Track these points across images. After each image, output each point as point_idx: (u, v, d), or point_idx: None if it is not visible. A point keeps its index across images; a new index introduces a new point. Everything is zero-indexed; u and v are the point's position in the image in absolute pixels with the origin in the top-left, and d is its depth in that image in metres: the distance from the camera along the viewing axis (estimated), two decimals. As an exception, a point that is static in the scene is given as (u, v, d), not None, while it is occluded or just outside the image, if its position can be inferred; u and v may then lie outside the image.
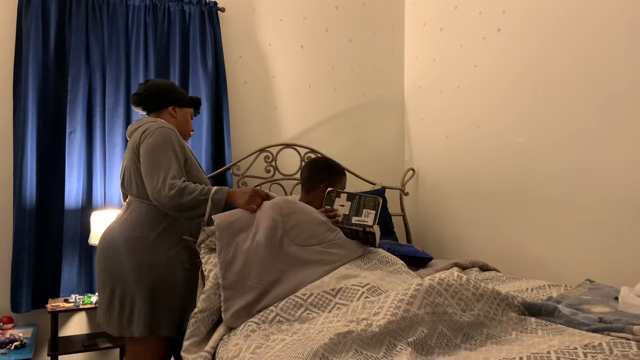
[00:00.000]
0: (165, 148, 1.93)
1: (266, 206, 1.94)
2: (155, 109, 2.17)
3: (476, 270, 2.40)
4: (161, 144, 1.93)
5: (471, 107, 3.06)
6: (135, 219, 1.99)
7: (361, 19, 3.59)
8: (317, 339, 1.38)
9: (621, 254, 2.23)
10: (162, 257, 1.95)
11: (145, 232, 1.96)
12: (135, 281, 1.93)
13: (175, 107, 2.19)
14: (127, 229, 1.98)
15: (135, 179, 2.01)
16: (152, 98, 2.15)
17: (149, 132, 1.98)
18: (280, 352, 1.40)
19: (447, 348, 1.43)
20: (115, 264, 1.95)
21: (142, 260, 1.93)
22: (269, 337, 1.56)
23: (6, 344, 2.42)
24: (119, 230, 1.99)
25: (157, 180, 1.86)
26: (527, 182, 2.69)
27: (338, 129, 3.53)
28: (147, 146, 1.94)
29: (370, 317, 1.46)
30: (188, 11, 3.04)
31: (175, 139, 1.99)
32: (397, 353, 1.35)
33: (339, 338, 1.35)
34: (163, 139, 1.95)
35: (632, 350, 1.29)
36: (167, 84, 2.20)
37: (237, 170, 3.11)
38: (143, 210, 1.99)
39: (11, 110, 2.75)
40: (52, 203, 2.75)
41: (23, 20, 2.69)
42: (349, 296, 1.70)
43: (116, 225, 2.03)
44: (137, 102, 2.16)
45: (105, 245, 2.00)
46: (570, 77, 2.44)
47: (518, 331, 1.50)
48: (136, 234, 1.96)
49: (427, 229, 3.47)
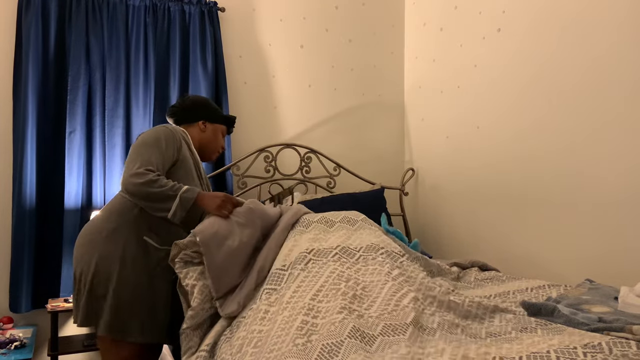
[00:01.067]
0: (152, 143, 1.92)
1: (240, 212, 1.93)
2: (186, 121, 2.19)
3: (476, 270, 2.40)
4: (150, 139, 1.94)
5: (471, 107, 3.06)
6: (107, 209, 1.96)
7: (361, 19, 3.59)
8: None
9: (621, 254, 2.23)
10: (120, 250, 1.87)
11: (110, 223, 1.90)
12: (96, 273, 1.85)
13: (206, 122, 2.20)
14: (99, 219, 1.95)
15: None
16: (185, 111, 2.19)
17: (149, 130, 2.01)
18: (277, 339, 1.43)
19: (449, 333, 1.44)
20: (83, 254, 1.89)
21: (103, 252, 1.86)
22: (264, 318, 1.58)
23: (6, 344, 2.42)
24: (93, 220, 1.98)
25: (131, 168, 1.84)
26: (527, 182, 2.69)
27: (338, 129, 3.53)
28: (137, 140, 1.97)
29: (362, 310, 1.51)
30: (188, 11, 3.04)
31: (168, 138, 1.96)
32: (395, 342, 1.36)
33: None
34: (154, 135, 1.95)
35: (631, 350, 1.29)
36: (202, 100, 2.24)
37: (237, 170, 3.11)
38: (115, 201, 1.97)
39: (11, 110, 2.75)
40: (52, 203, 2.75)
41: (23, 20, 2.69)
42: (322, 256, 1.82)
43: (97, 215, 2.01)
44: (170, 113, 2.22)
45: (79, 234, 1.97)
46: (571, 77, 2.44)
47: (517, 330, 1.50)
48: (103, 224, 1.91)
49: (426, 229, 3.47)
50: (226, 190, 3.10)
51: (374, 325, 1.45)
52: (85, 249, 1.90)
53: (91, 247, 1.88)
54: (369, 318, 1.50)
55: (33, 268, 2.69)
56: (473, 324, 1.57)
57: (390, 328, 1.43)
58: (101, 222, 1.93)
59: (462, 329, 1.51)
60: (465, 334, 1.48)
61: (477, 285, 2.18)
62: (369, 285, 1.68)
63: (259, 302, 1.69)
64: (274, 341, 1.43)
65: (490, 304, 1.69)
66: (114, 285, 1.85)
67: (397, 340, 1.37)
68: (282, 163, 3.27)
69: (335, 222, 2.04)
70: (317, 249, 1.83)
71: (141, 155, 1.88)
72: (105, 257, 1.86)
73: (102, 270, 1.85)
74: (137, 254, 1.90)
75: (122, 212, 1.92)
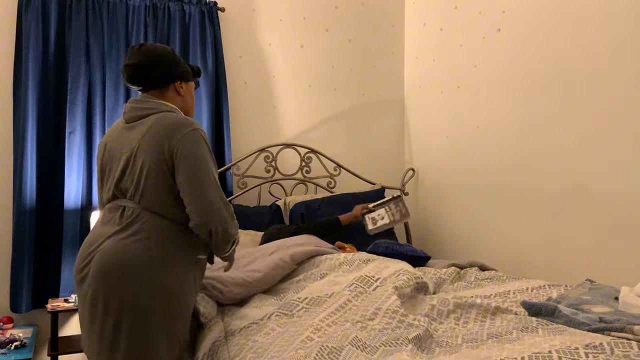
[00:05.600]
0: (210, 160, 1.65)
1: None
2: (157, 85, 1.71)
3: (475, 270, 2.40)
4: (208, 154, 1.64)
5: (471, 107, 3.06)
6: (157, 236, 1.60)
7: (361, 19, 3.59)
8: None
9: (621, 254, 2.23)
10: (184, 279, 1.63)
11: (169, 252, 1.61)
12: (156, 314, 1.56)
13: (182, 82, 1.77)
14: (148, 248, 1.58)
15: (158, 186, 1.60)
16: (154, 70, 1.69)
17: (187, 133, 1.60)
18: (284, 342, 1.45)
19: (449, 346, 1.43)
20: (133, 289, 1.54)
21: (166, 285, 1.57)
22: (269, 334, 1.59)
23: (6, 344, 2.42)
24: (134, 250, 1.57)
25: (215, 202, 1.58)
26: (527, 181, 2.69)
27: (338, 129, 3.53)
28: (194, 154, 1.59)
29: (364, 321, 1.51)
30: (188, 11, 3.04)
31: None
32: (397, 350, 1.35)
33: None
34: (208, 147, 1.65)
35: (633, 351, 1.29)
36: (168, 52, 1.74)
37: (237, 170, 3.11)
38: (163, 226, 1.62)
39: (11, 110, 2.75)
40: (52, 203, 2.75)
41: (23, 20, 2.68)
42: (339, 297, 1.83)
43: (128, 242, 1.58)
44: (133, 76, 1.69)
45: (118, 267, 1.55)
46: (571, 77, 2.44)
47: (519, 330, 1.50)
48: (163, 255, 1.60)
49: (427, 229, 3.47)
50: (226, 190, 3.10)
51: (376, 339, 1.46)
52: (140, 285, 1.55)
53: (152, 282, 1.56)
54: (372, 330, 1.51)
55: (33, 268, 2.69)
56: (474, 327, 1.56)
57: (393, 340, 1.44)
58: (152, 249, 1.59)
59: (462, 337, 1.51)
60: (466, 340, 1.48)
61: (477, 285, 2.18)
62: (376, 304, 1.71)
63: (267, 320, 1.70)
64: (276, 349, 1.44)
65: (492, 305, 1.70)
66: (182, 319, 1.64)
67: (399, 349, 1.37)
68: (282, 163, 3.27)
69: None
70: (335, 292, 1.86)
71: (214, 181, 1.62)
72: (174, 291, 1.60)
73: (171, 305, 1.59)
74: (197, 277, 1.74)
75: (176, 238, 1.64)
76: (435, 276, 2.19)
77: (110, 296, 1.53)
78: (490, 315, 1.65)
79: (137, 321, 1.53)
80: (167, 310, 1.58)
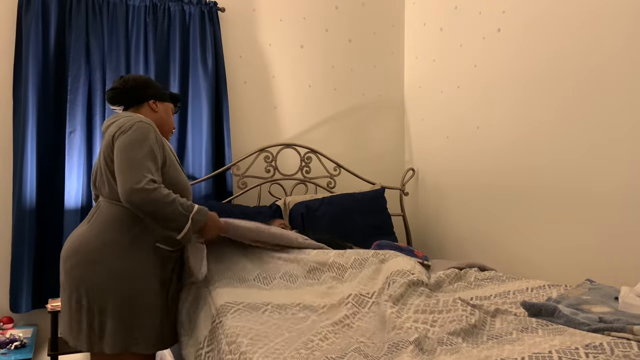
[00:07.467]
0: (142, 145, 1.76)
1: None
2: (134, 102, 2.00)
3: (475, 270, 2.40)
4: (139, 140, 1.77)
5: (471, 107, 3.06)
6: (107, 222, 1.81)
7: (361, 19, 3.59)
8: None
9: (621, 254, 2.23)
10: (136, 264, 1.80)
11: (118, 236, 1.80)
12: (107, 291, 1.76)
13: (157, 101, 2.05)
14: (97, 233, 1.80)
15: (107, 178, 1.84)
16: (131, 91, 1.99)
17: (125, 126, 1.81)
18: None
19: (449, 346, 1.43)
20: (85, 272, 1.76)
21: (115, 268, 1.77)
22: (265, 323, 1.59)
23: (6, 344, 2.42)
24: (88, 235, 1.81)
25: (133, 179, 1.68)
26: (527, 181, 2.69)
27: (338, 129, 3.53)
28: (123, 142, 1.76)
29: (365, 340, 1.54)
30: (188, 11, 3.04)
31: (154, 135, 1.83)
32: (398, 352, 1.35)
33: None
34: (141, 134, 1.78)
35: (633, 351, 1.29)
36: (145, 78, 2.06)
37: (237, 170, 3.11)
38: (114, 212, 1.82)
39: (11, 110, 2.75)
40: (52, 203, 2.75)
41: (23, 20, 2.68)
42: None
43: (85, 229, 1.84)
44: (114, 97, 1.99)
45: (73, 251, 1.80)
46: (571, 77, 2.44)
47: (519, 330, 1.50)
48: (108, 239, 1.79)
49: (427, 229, 3.47)
50: (226, 190, 3.10)
51: (380, 351, 1.46)
52: (90, 267, 1.77)
53: (100, 264, 1.77)
54: (373, 345, 1.51)
55: (33, 268, 2.69)
56: (474, 330, 1.56)
57: (394, 345, 1.44)
58: (102, 236, 1.80)
59: (463, 338, 1.51)
60: (467, 341, 1.48)
61: (477, 285, 2.18)
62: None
63: (263, 314, 1.68)
64: (276, 347, 1.43)
65: (491, 308, 1.70)
66: (129, 301, 1.78)
67: (400, 352, 1.38)
68: (282, 163, 3.27)
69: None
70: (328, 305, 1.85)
71: (138, 162, 1.72)
72: (122, 273, 1.78)
73: (118, 288, 1.77)
74: (157, 263, 1.86)
75: (131, 224, 1.82)
76: (434, 276, 2.19)
77: (69, 278, 1.79)
78: (490, 318, 1.65)
79: (91, 299, 1.75)
80: (115, 292, 1.76)
